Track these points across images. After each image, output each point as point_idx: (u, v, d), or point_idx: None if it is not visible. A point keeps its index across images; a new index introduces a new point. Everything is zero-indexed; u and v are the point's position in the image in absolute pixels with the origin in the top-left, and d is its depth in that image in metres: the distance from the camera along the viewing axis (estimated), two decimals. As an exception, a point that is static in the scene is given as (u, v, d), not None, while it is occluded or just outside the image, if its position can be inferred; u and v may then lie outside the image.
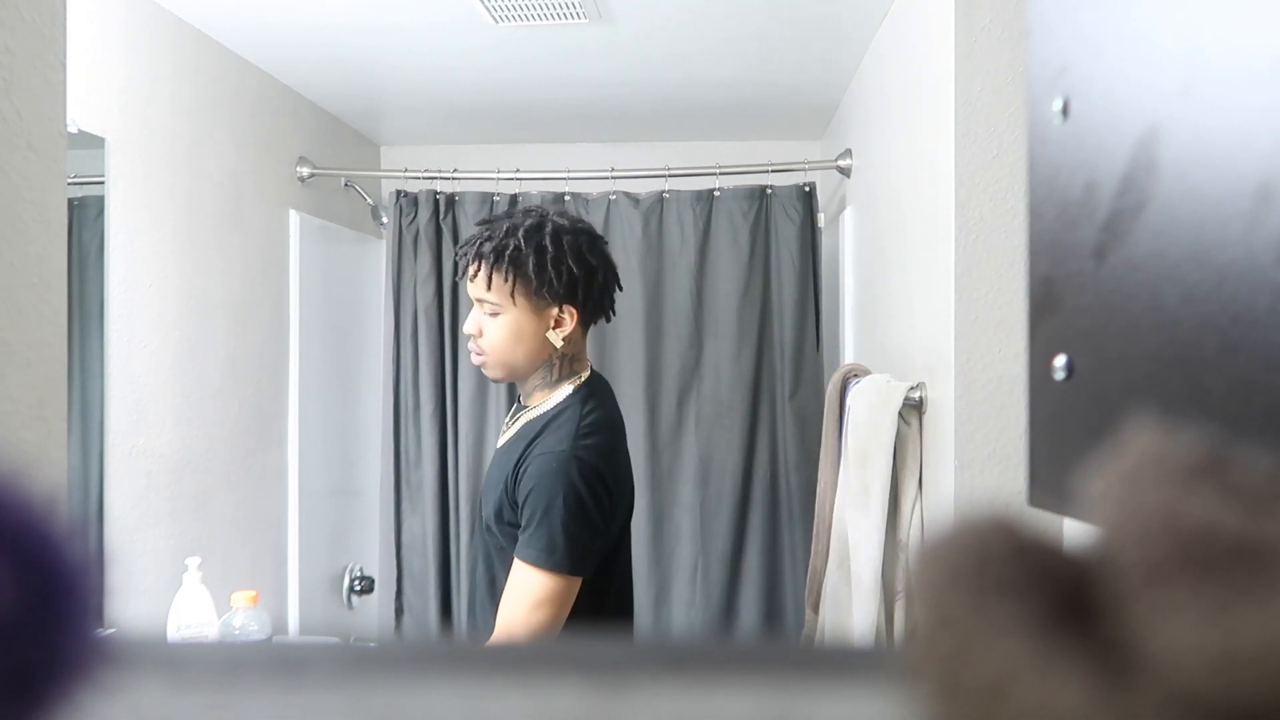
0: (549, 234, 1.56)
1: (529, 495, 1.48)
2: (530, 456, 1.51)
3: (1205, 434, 0.20)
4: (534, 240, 1.55)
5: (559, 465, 1.48)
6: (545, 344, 1.58)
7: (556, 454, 1.49)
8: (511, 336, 1.57)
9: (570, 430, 1.52)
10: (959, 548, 0.20)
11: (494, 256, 1.55)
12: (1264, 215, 0.32)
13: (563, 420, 1.55)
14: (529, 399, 1.63)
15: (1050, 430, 0.45)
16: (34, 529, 0.21)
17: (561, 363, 1.61)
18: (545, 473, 1.49)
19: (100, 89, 1.93)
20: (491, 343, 1.58)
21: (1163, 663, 0.17)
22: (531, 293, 1.55)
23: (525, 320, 1.57)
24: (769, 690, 0.27)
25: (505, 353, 1.58)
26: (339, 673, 0.29)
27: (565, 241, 1.56)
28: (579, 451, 1.49)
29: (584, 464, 1.49)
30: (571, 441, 1.50)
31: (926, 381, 1.78)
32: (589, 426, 1.54)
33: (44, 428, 0.92)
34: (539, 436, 1.54)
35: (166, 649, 0.32)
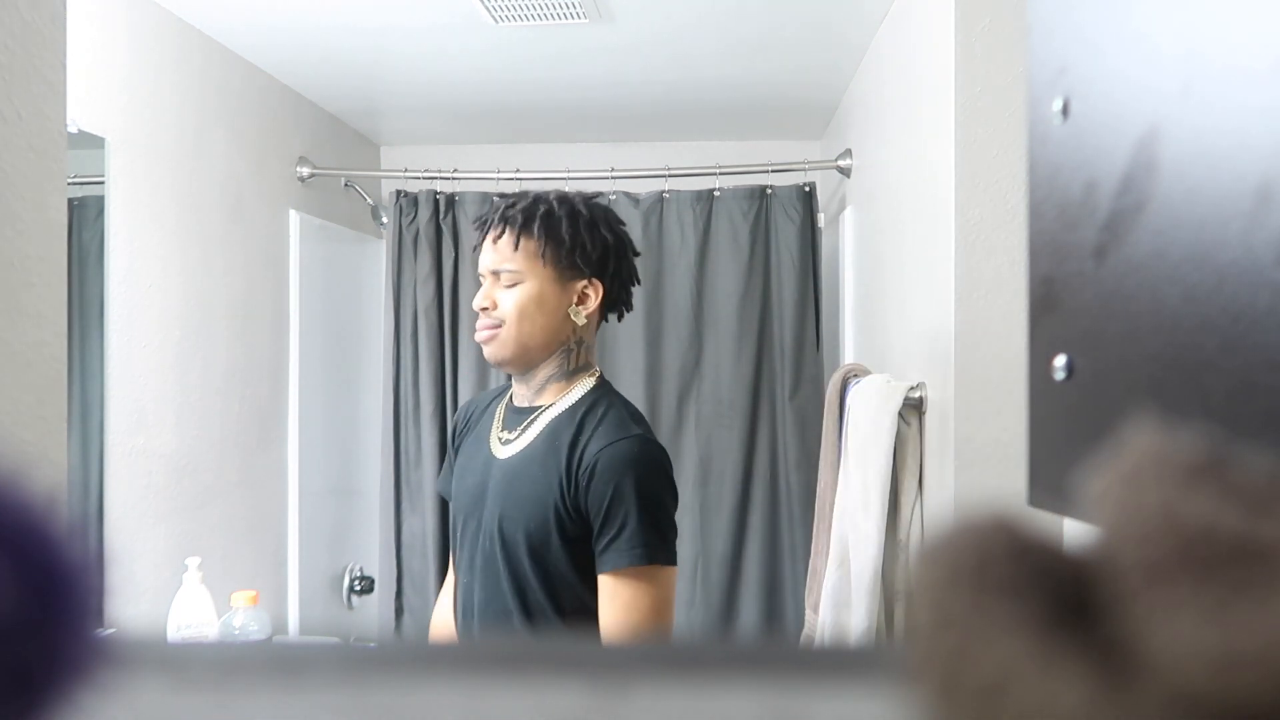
0: (580, 203, 1.48)
1: (612, 495, 1.34)
2: (590, 454, 1.36)
3: (1205, 434, 0.20)
4: (566, 206, 1.46)
5: (639, 452, 1.37)
6: (566, 322, 1.46)
7: (630, 441, 1.37)
8: (532, 305, 1.43)
9: (624, 418, 1.42)
10: (959, 548, 0.20)
11: (523, 218, 1.44)
12: (1264, 215, 0.32)
13: (604, 412, 1.43)
14: (540, 395, 1.48)
15: (1050, 430, 0.45)
16: (34, 529, 0.21)
17: (579, 350, 1.48)
18: (628, 462, 1.35)
19: (100, 89, 1.93)
20: (507, 311, 1.44)
21: (1163, 663, 0.17)
22: (563, 257, 1.44)
23: (549, 290, 1.44)
24: (769, 690, 0.27)
25: (524, 323, 1.44)
26: (339, 673, 0.29)
27: (598, 214, 1.48)
28: (649, 435, 1.41)
29: (658, 446, 1.41)
30: (636, 425, 1.41)
31: (926, 381, 1.78)
32: (637, 415, 1.45)
33: (44, 428, 0.92)
34: (583, 433, 1.40)
35: (166, 649, 0.32)
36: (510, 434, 1.48)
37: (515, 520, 1.40)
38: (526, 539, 1.38)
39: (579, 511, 1.36)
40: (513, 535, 1.40)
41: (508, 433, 1.49)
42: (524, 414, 1.48)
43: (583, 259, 1.45)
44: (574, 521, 1.37)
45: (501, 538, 1.41)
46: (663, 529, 1.36)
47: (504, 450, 1.47)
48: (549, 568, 1.38)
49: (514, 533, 1.40)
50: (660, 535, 1.35)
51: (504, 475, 1.45)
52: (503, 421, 1.52)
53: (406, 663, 0.29)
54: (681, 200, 2.90)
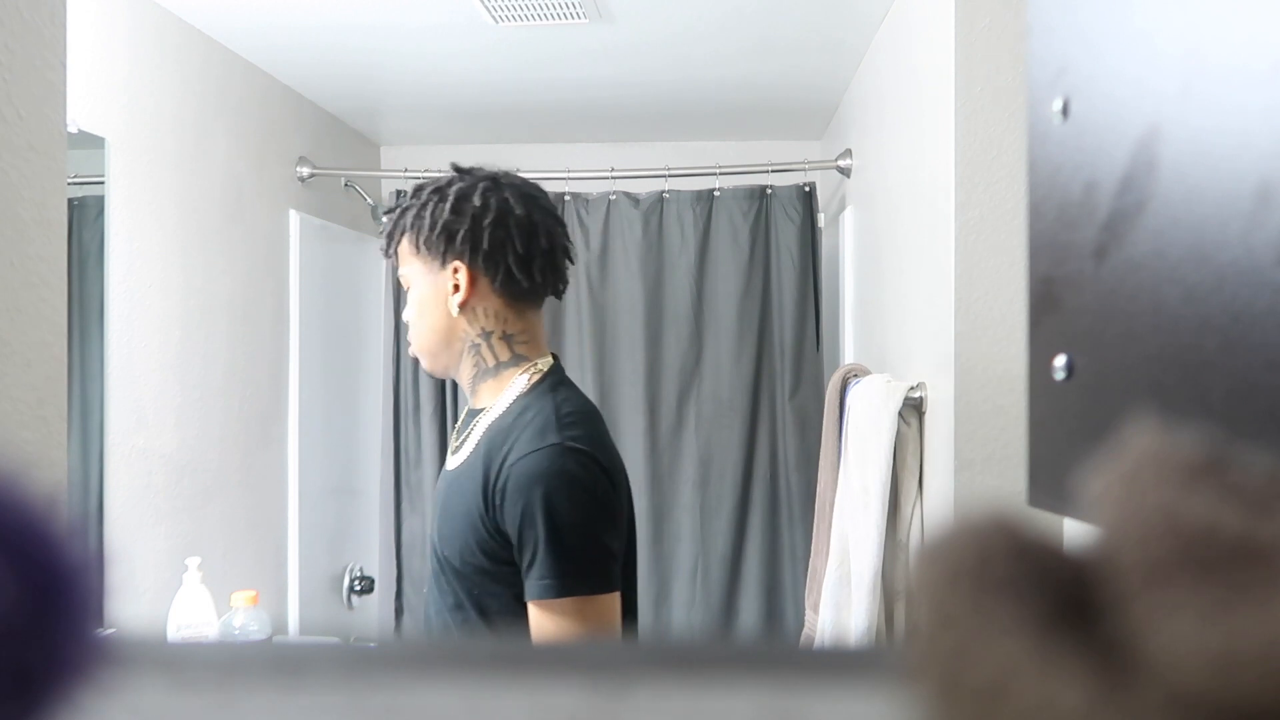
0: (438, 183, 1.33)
1: (523, 516, 1.18)
2: (505, 469, 1.20)
3: (1205, 434, 0.20)
4: (430, 190, 1.33)
5: (550, 463, 1.19)
6: (450, 317, 1.31)
7: (542, 451, 1.19)
8: (418, 310, 1.33)
9: (548, 422, 1.23)
10: (959, 548, 0.20)
11: (397, 217, 1.35)
12: (1264, 215, 0.32)
13: (532, 416, 1.25)
14: (476, 398, 1.35)
15: (1050, 430, 0.45)
16: (34, 529, 0.21)
17: (490, 343, 1.32)
18: (535, 478, 1.18)
19: (100, 89, 1.93)
20: (410, 324, 1.35)
21: (1163, 663, 0.17)
22: (419, 246, 1.31)
23: (425, 288, 1.32)
24: (769, 690, 0.27)
25: (416, 333, 1.35)
26: (339, 673, 0.29)
27: (453, 188, 1.31)
28: (568, 441, 1.21)
29: (579, 454, 1.21)
30: (557, 433, 1.21)
31: (926, 381, 1.78)
32: (570, 416, 1.25)
33: (44, 428, 0.92)
34: (506, 443, 1.23)
35: (166, 649, 0.32)
36: (458, 441, 1.36)
37: (449, 541, 1.27)
38: (459, 560, 1.25)
39: (499, 531, 1.21)
40: (447, 557, 1.27)
41: (456, 440, 1.37)
42: (469, 420, 1.36)
43: (430, 244, 1.30)
44: (500, 544, 1.21)
45: (438, 558, 1.30)
46: (581, 555, 1.19)
47: (451, 461, 1.35)
48: (481, 592, 1.24)
49: (447, 554, 1.27)
50: (577, 563, 1.18)
51: (445, 489, 1.33)
52: (458, 428, 1.39)
53: (406, 663, 0.29)
54: (681, 200, 2.90)
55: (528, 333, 1.34)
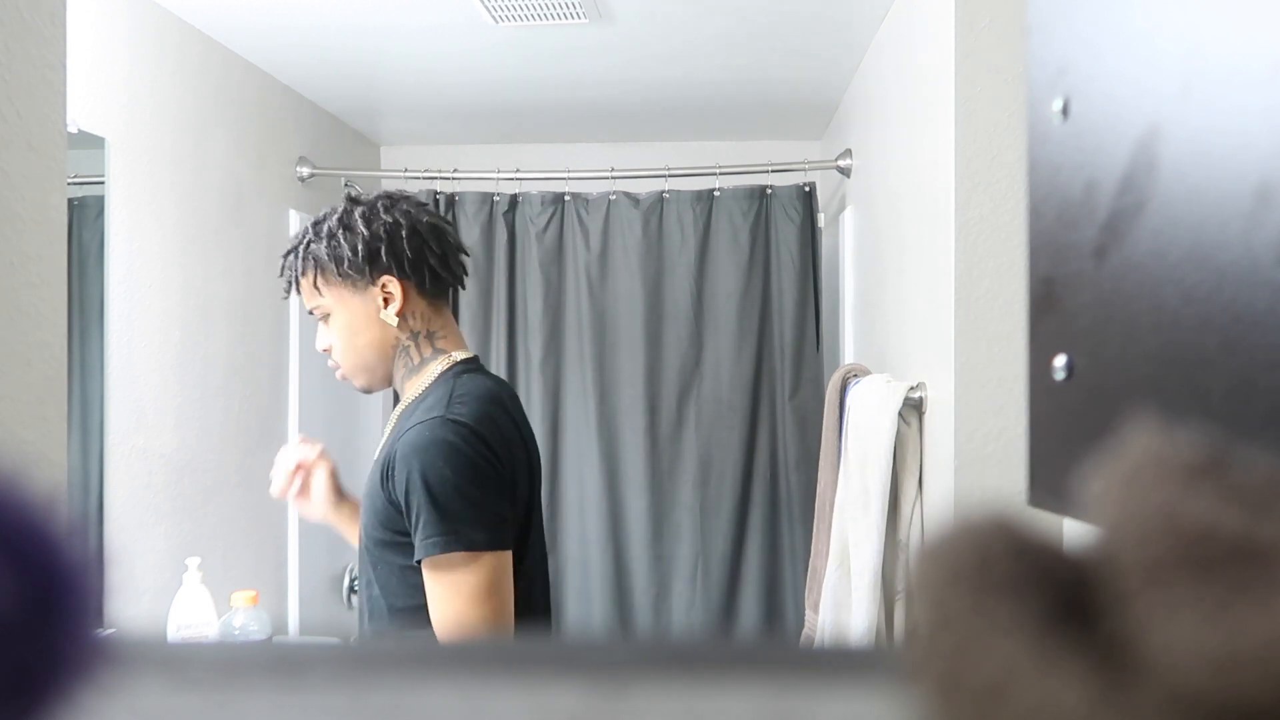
0: (338, 215, 1.44)
1: (408, 483, 1.28)
2: (396, 444, 1.32)
3: (1205, 434, 0.20)
4: (321, 226, 1.44)
5: (430, 432, 1.29)
6: (385, 328, 1.43)
7: (425, 424, 1.31)
8: (348, 333, 1.44)
9: (439, 401, 1.35)
10: (959, 548, 0.20)
11: (295, 261, 1.45)
12: (1264, 215, 0.32)
13: (431, 398, 1.38)
14: (402, 393, 1.48)
15: (1050, 430, 0.45)
16: (34, 529, 0.21)
17: (417, 342, 1.45)
18: (416, 447, 1.29)
19: (100, 89, 1.93)
20: (339, 350, 1.45)
21: (1163, 663, 0.17)
22: (336, 276, 1.42)
23: (350, 309, 1.43)
24: (769, 690, 0.27)
25: (353, 354, 1.45)
26: (339, 673, 0.29)
27: (358, 214, 1.43)
28: (451, 414, 1.31)
29: (459, 425, 1.30)
30: (443, 408, 1.33)
31: (926, 381, 1.78)
32: (463, 397, 1.36)
33: (44, 428, 0.92)
34: (406, 424, 1.36)
35: (166, 649, 0.32)
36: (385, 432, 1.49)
37: (363, 523, 1.39)
38: (368, 538, 1.37)
39: (394, 503, 1.32)
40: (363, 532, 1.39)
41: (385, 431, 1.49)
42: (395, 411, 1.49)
43: (354, 268, 1.41)
44: (395, 514, 1.32)
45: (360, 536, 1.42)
46: (460, 513, 1.27)
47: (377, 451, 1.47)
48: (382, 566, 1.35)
49: (363, 535, 1.39)
50: (457, 521, 1.26)
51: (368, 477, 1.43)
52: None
53: (406, 663, 0.29)
54: (681, 200, 2.90)
55: (446, 327, 1.48)
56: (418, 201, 1.48)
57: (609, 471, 2.90)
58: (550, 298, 2.93)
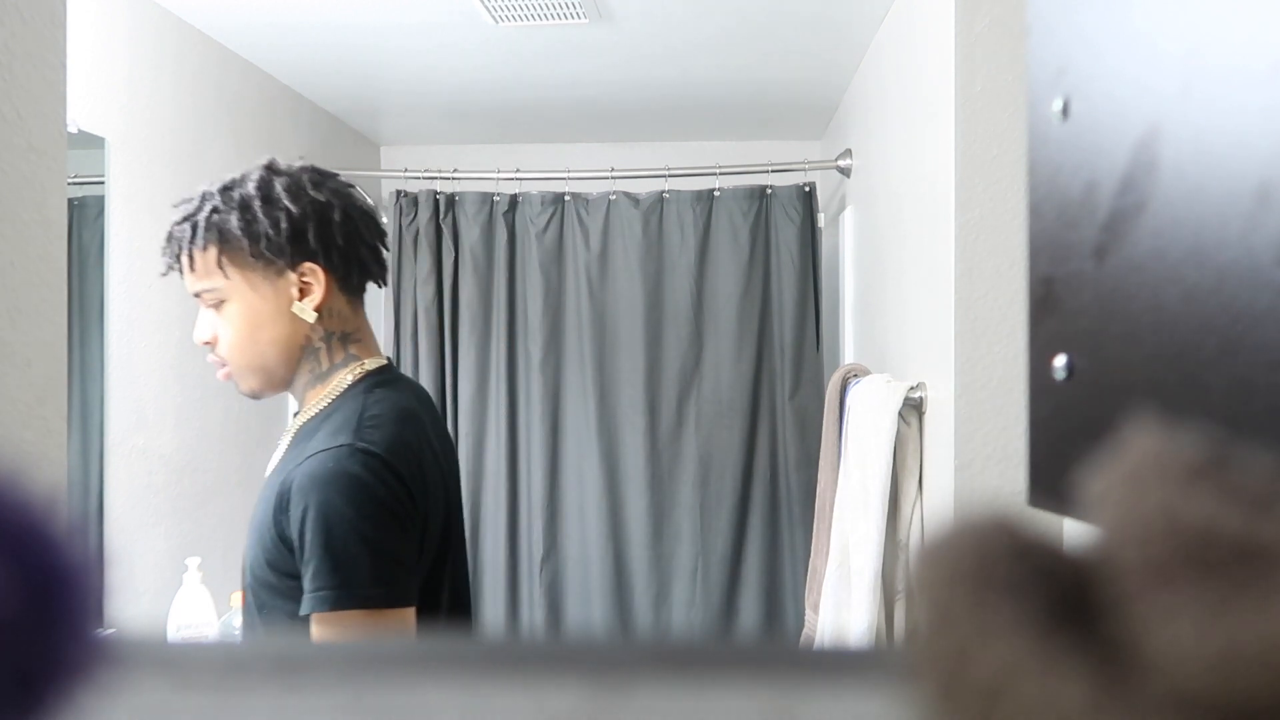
0: (254, 182, 1.21)
1: (302, 521, 1.07)
2: (292, 473, 1.12)
3: (1205, 434, 0.20)
4: (233, 193, 1.20)
5: (334, 463, 1.09)
6: (296, 323, 1.21)
7: (327, 453, 1.10)
8: (249, 326, 1.20)
9: (347, 422, 1.14)
10: (959, 548, 0.20)
11: (190, 230, 1.19)
12: (1264, 215, 0.32)
13: (338, 415, 1.17)
14: (303, 403, 1.27)
15: (1050, 430, 0.45)
16: (34, 529, 0.21)
17: (331, 344, 1.24)
18: (317, 479, 1.08)
19: (100, 89, 1.93)
20: (230, 344, 1.21)
21: (1163, 663, 0.17)
22: (248, 256, 1.19)
23: (257, 299, 1.20)
24: (769, 690, 0.27)
25: (249, 352, 1.21)
26: (339, 673, 0.29)
27: (280, 185, 1.21)
28: (361, 442, 1.11)
29: (369, 455, 1.10)
30: (351, 434, 1.12)
31: (926, 381, 1.78)
32: (375, 418, 1.16)
33: (44, 428, 0.92)
34: (305, 447, 1.15)
35: (166, 649, 0.32)
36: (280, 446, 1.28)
37: (246, 553, 1.19)
38: (250, 575, 1.16)
39: (285, 539, 1.11)
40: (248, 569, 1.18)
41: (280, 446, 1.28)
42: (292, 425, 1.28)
43: (272, 249, 1.19)
44: (284, 554, 1.11)
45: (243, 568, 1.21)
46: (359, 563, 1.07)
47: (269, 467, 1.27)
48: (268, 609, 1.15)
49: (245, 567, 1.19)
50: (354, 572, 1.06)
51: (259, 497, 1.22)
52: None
53: (406, 663, 0.29)
54: (681, 200, 2.90)
55: (361, 330, 1.28)
56: (345, 182, 1.29)
57: (609, 471, 2.90)
58: (550, 298, 2.93)
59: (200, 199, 1.21)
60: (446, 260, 2.97)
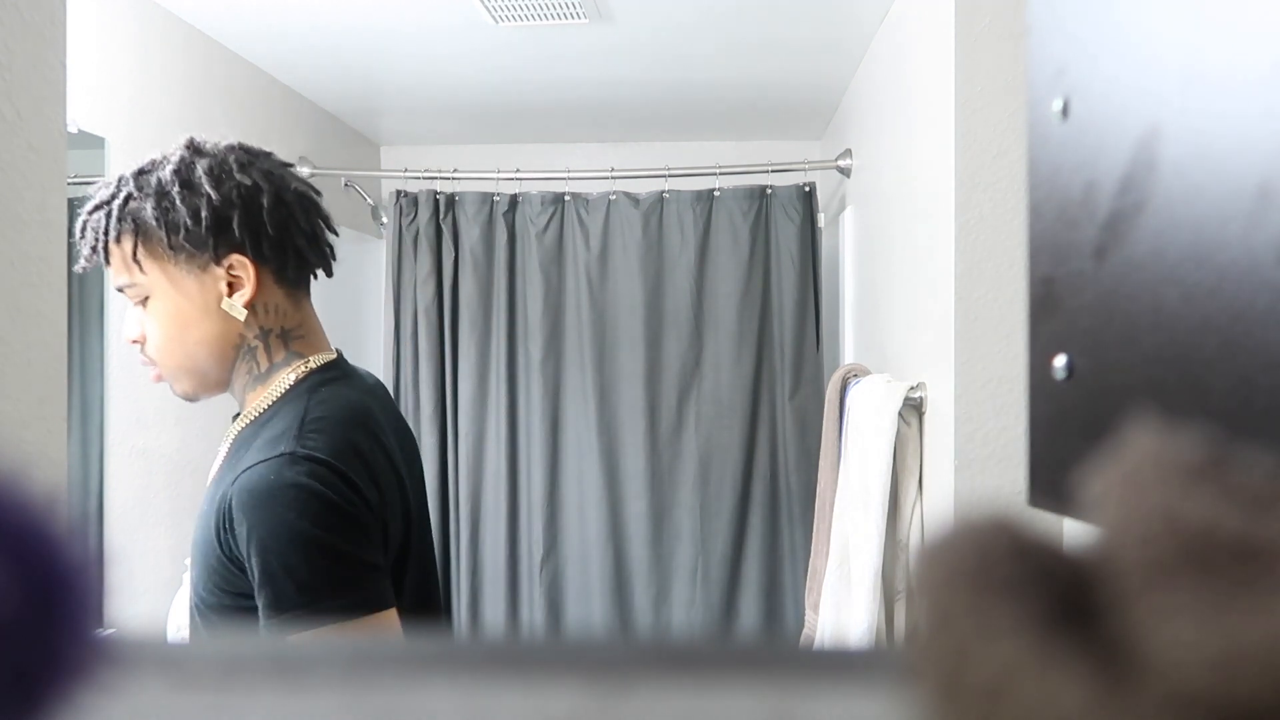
0: (173, 166, 1.09)
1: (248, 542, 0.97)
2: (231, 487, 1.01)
3: (1205, 434, 0.20)
4: (148, 178, 1.08)
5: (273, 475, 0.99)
6: (227, 321, 1.10)
7: (267, 464, 1.00)
8: (175, 325, 1.09)
9: (287, 429, 1.04)
10: (959, 548, 0.20)
11: (105, 220, 1.08)
12: (1264, 215, 0.32)
13: (278, 420, 1.07)
14: (242, 405, 1.17)
15: (1050, 430, 0.45)
16: (34, 529, 0.21)
17: (267, 343, 1.13)
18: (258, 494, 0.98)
19: (100, 89, 1.93)
20: (157, 345, 1.11)
21: (1163, 663, 0.17)
22: (166, 248, 1.07)
23: (180, 293, 1.08)
24: (769, 690, 0.27)
25: (178, 352, 1.10)
26: (339, 673, 0.29)
27: (201, 168, 1.08)
28: (302, 448, 1.01)
29: (313, 462, 1.00)
30: (292, 440, 1.02)
31: (926, 382, 1.78)
32: (318, 421, 1.05)
33: (44, 428, 0.92)
34: (243, 458, 1.05)
35: (166, 649, 0.32)
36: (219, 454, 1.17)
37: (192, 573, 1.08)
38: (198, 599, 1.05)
39: (235, 560, 1.00)
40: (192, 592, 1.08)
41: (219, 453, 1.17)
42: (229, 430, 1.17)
43: (193, 240, 1.07)
44: (233, 572, 1.01)
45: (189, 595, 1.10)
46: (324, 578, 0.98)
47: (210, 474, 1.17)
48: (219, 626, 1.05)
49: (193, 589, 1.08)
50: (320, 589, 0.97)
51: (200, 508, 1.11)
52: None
53: (406, 663, 0.29)
54: (681, 200, 2.90)
55: (304, 325, 1.18)
56: (280, 161, 1.18)
57: (609, 471, 2.91)
58: (550, 298, 2.93)
59: (115, 185, 1.10)
60: (446, 260, 2.97)
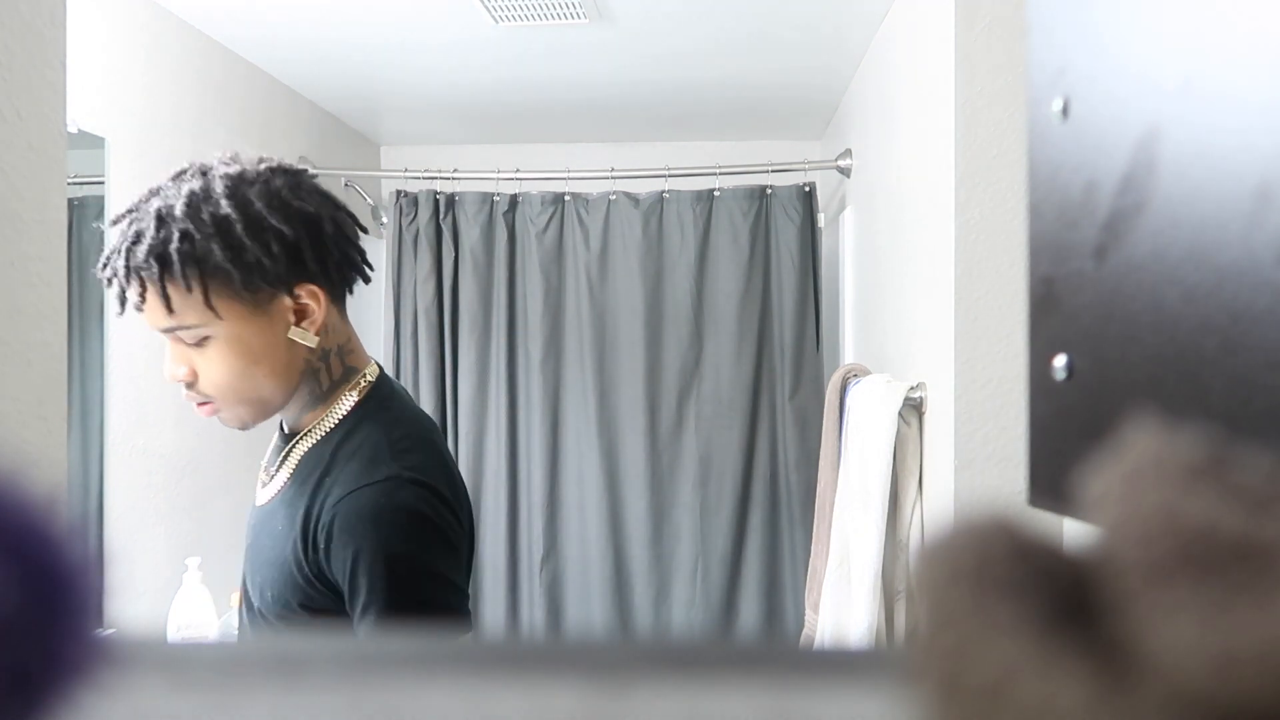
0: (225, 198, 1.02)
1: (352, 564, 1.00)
2: (328, 507, 1.03)
3: (1205, 434, 0.20)
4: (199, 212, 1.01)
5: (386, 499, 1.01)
6: (294, 349, 1.09)
7: (374, 489, 1.02)
8: (241, 361, 1.06)
9: (380, 450, 1.06)
10: (959, 548, 0.20)
11: (157, 265, 1.01)
12: (1264, 215, 0.32)
13: (361, 442, 1.08)
14: (297, 423, 1.15)
15: (1050, 430, 0.45)
16: (34, 529, 0.21)
17: (329, 362, 1.12)
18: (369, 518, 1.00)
19: (100, 89, 1.93)
20: (218, 384, 1.07)
21: (1163, 663, 0.17)
22: (239, 289, 1.03)
23: (249, 331, 1.05)
24: (769, 690, 0.27)
25: (246, 388, 1.08)
26: (339, 673, 0.29)
27: (253, 196, 1.03)
28: (406, 471, 1.04)
29: (419, 486, 1.04)
30: (390, 462, 1.04)
31: (926, 381, 1.78)
32: (405, 441, 1.08)
33: (44, 428, 0.92)
34: (329, 475, 1.06)
35: (166, 649, 0.32)
36: (268, 475, 1.17)
37: (260, 592, 1.09)
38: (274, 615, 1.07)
39: (324, 579, 1.03)
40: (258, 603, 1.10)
41: (266, 473, 1.18)
42: (285, 449, 1.16)
43: (267, 277, 1.04)
44: (320, 590, 1.04)
45: (250, 610, 1.12)
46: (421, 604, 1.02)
47: (262, 494, 1.17)
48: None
49: (260, 608, 1.09)
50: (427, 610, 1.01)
51: (256, 526, 1.14)
52: (269, 454, 1.20)
53: (406, 663, 0.29)
54: (681, 200, 2.90)
55: (351, 339, 1.16)
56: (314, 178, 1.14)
57: (609, 471, 2.91)
58: (550, 298, 2.93)
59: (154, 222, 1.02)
60: (446, 260, 2.97)
